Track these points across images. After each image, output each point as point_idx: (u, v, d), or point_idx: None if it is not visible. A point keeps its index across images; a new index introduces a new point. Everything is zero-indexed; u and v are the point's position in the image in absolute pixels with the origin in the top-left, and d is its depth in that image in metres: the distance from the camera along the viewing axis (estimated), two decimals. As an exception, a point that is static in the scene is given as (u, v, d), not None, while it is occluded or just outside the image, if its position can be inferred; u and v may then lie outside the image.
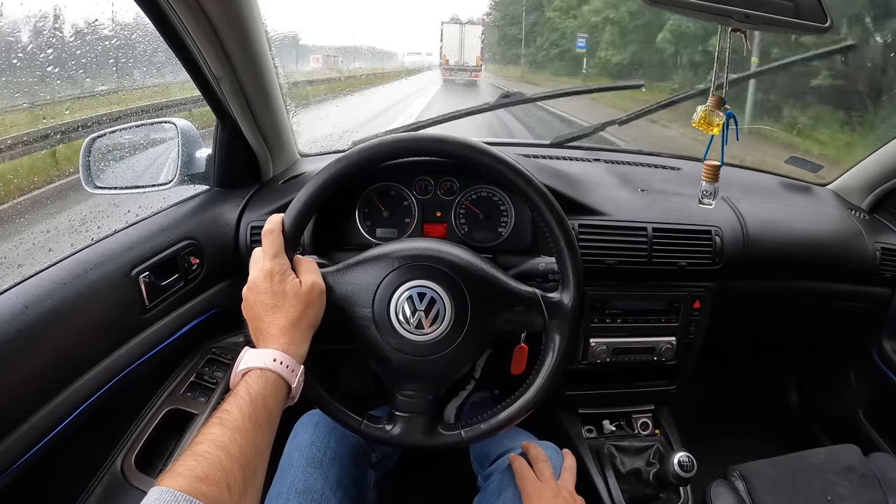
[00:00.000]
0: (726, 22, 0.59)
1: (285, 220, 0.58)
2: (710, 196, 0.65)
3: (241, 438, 0.42)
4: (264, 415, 0.46)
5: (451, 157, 0.61)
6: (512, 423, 0.61)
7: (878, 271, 1.00)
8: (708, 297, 0.90)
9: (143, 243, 0.70)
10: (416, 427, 0.61)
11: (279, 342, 0.51)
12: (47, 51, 0.91)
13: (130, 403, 0.73)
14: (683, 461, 0.73)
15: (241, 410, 0.44)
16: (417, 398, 0.61)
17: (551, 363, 0.61)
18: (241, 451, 0.42)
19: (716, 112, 0.59)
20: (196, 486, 0.37)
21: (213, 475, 0.38)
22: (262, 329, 0.53)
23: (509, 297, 0.61)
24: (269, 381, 0.48)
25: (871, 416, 1.14)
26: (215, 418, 0.44)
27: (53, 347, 0.57)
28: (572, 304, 0.61)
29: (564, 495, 0.64)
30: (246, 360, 0.50)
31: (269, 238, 0.56)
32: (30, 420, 0.53)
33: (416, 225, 0.85)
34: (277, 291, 0.53)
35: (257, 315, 0.53)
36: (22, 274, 0.60)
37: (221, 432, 0.42)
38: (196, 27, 0.62)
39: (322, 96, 6.04)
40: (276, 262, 0.55)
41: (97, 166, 0.83)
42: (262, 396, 0.47)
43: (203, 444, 0.41)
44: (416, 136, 0.61)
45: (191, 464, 0.39)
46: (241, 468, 0.41)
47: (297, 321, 0.53)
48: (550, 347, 0.62)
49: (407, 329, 0.58)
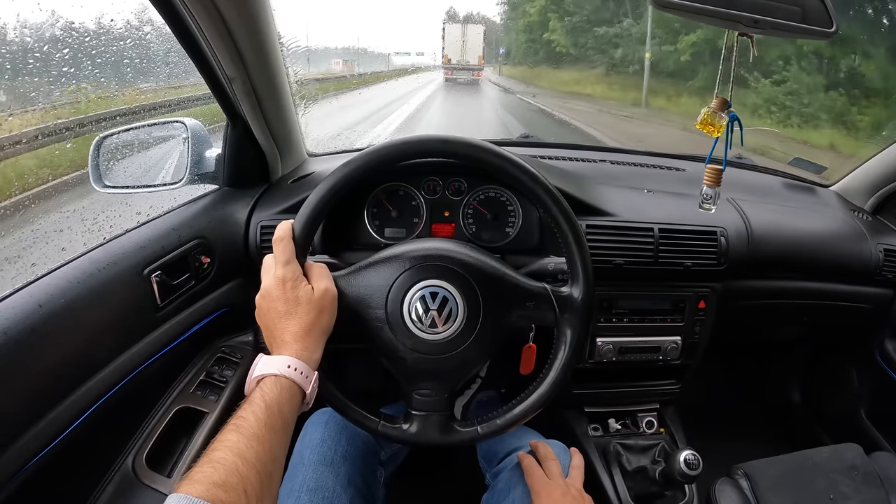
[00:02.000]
0: (734, 27, 0.59)
1: (295, 226, 0.58)
2: (710, 201, 0.65)
3: (257, 445, 0.43)
4: (279, 421, 0.46)
5: (457, 157, 0.61)
6: (527, 418, 0.62)
7: (881, 273, 1.01)
8: (713, 298, 0.91)
9: (154, 242, 0.71)
10: (433, 425, 0.61)
11: (293, 349, 0.52)
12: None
13: (141, 402, 0.73)
14: (689, 459, 0.74)
15: (256, 417, 0.45)
16: (433, 396, 0.61)
17: (564, 357, 0.62)
18: (258, 457, 0.42)
19: (719, 114, 0.59)
20: (213, 493, 0.37)
21: (230, 481, 0.39)
22: (276, 336, 0.53)
23: (520, 294, 0.62)
24: (283, 388, 0.49)
25: (874, 415, 1.15)
26: (231, 425, 0.44)
27: (67, 346, 0.57)
28: (583, 297, 0.61)
29: (573, 493, 0.64)
30: (261, 367, 0.50)
31: (279, 245, 0.56)
32: (45, 418, 0.54)
33: (425, 225, 0.86)
34: (290, 298, 0.54)
35: (271, 322, 0.54)
36: (35, 273, 0.60)
37: (238, 439, 0.42)
38: (211, 28, 0.63)
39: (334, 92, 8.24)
40: (288, 269, 0.55)
41: (106, 165, 0.83)
42: (278, 403, 0.47)
43: (220, 451, 0.41)
44: (422, 138, 0.61)
45: (208, 470, 0.39)
46: (258, 474, 0.41)
47: (311, 327, 0.53)
48: (563, 342, 0.62)
49: (420, 329, 0.59)
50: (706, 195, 0.64)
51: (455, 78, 19.92)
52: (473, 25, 20.39)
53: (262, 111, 0.79)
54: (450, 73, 20.18)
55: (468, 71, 19.73)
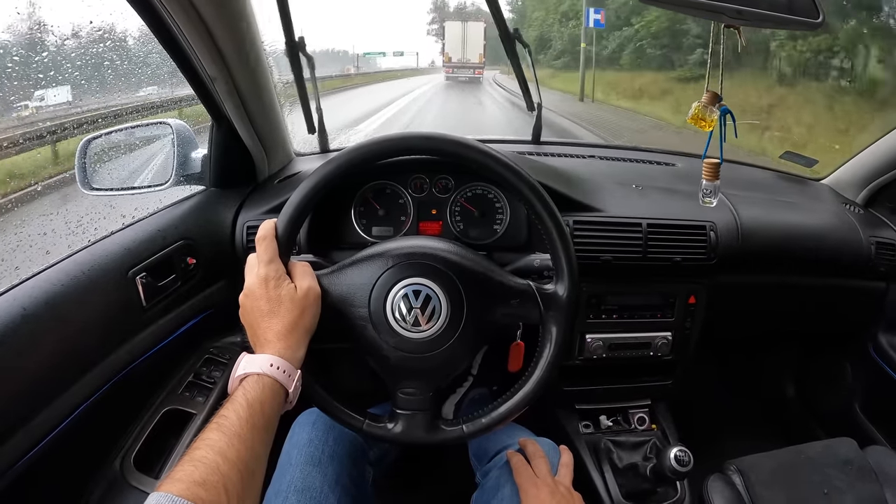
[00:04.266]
0: (719, 18, 0.59)
1: (278, 225, 0.58)
2: (711, 194, 0.65)
3: (238, 443, 0.43)
4: (262, 420, 0.46)
5: (440, 154, 0.61)
6: (512, 417, 0.62)
7: (874, 265, 1.01)
8: (703, 293, 0.91)
9: (139, 244, 0.71)
10: (418, 424, 0.61)
11: (276, 347, 0.52)
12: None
13: (129, 404, 0.73)
14: (680, 456, 0.73)
15: (238, 416, 0.45)
16: (418, 395, 0.61)
17: (549, 355, 0.62)
18: (239, 455, 0.42)
19: (710, 108, 0.59)
20: (194, 491, 0.37)
21: (210, 480, 0.39)
22: (259, 335, 0.53)
23: (504, 291, 0.62)
24: (266, 387, 0.49)
25: (868, 409, 1.14)
26: (213, 424, 0.44)
27: (52, 349, 0.57)
28: (567, 295, 0.61)
29: (562, 491, 0.64)
30: (243, 366, 0.50)
31: (262, 244, 0.56)
32: (30, 421, 0.54)
33: (412, 223, 0.85)
34: (273, 297, 0.54)
35: (254, 321, 0.54)
36: (19, 276, 0.60)
37: (219, 437, 0.42)
38: (190, 28, 0.62)
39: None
40: (271, 267, 0.55)
41: (93, 168, 0.83)
42: (260, 402, 0.47)
43: (201, 450, 0.41)
44: (404, 135, 0.61)
45: (188, 469, 0.39)
46: (239, 473, 0.41)
47: (294, 326, 0.53)
48: (548, 339, 0.62)
49: (404, 327, 0.59)
50: (706, 189, 0.64)
51: (456, 76, 19.88)
52: (474, 23, 20.34)
53: (246, 111, 0.79)
54: (450, 71, 20.14)
55: (469, 69, 19.70)
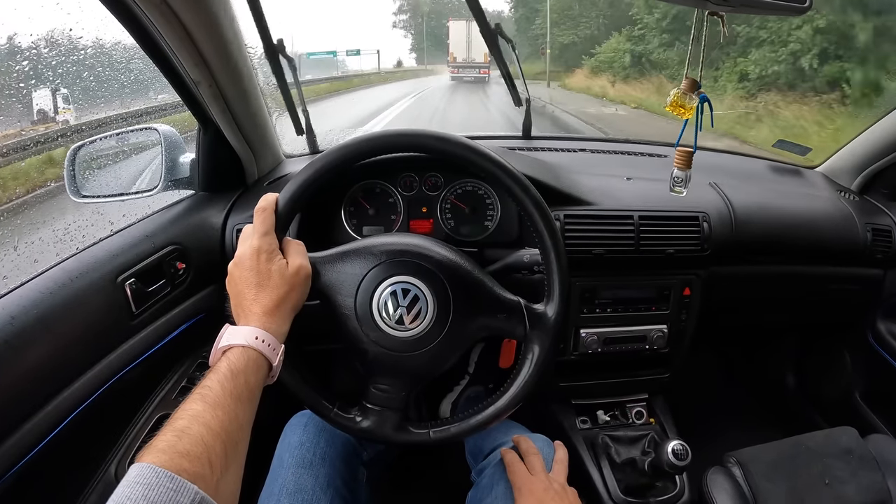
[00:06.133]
0: (703, 5, 0.58)
1: (279, 199, 0.57)
2: (681, 184, 0.63)
3: (222, 414, 0.42)
4: (246, 391, 0.45)
5: (428, 151, 0.61)
6: (482, 429, 0.61)
7: (870, 252, 1.00)
8: (698, 284, 0.90)
9: (128, 250, 0.70)
10: (387, 422, 0.61)
11: (261, 320, 0.51)
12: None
13: (123, 410, 0.73)
14: (677, 449, 0.73)
15: (222, 386, 0.44)
16: (390, 393, 0.60)
17: (527, 374, 0.61)
18: (223, 426, 0.41)
19: (689, 95, 0.58)
20: (178, 462, 0.36)
21: (194, 451, 0.38)
22: (245, 306, 0.52)
23: (493, 303, 0.61)
24: (250, 359, 0.48)
25: (868, 397, 1.14)
26: (195, 394, 0.43)
27: (41, 357, 0.57)
28: (555, 317, 0.61)
29: (556, 488, 0.63)
30: (227, 337, 0.49)
31: (261, 216, 0.55)
32: (20, 429, 0.54)
33: (402, 221, 0.85)
34: (263, 270, 0.53)
35: (241, 292, 0.53)
36: (7, 285, 0.60)
37: (203, 408, 0.41)
38: (171, 33, 0.62)
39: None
40: (265, 240, 0.54)
41: (82, 175, 0.83)
42: (244, 373, 0.46)
43: (184, 420, 0.40)
44: (417, 132, 0.61)
45: (172, 439, 0.38)
46: (223, 444, 0.40)
47: (281, 302, 0.53)
48: (528, 358, 0.61)
49: (387, 324, 0.58)
50: (676, 178, 0.63)
51: (461, 76, 19.78)
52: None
53: (232, 114, 0.78)
54: (456, 71, 20.04)
55: (475, 68, 19.58)
